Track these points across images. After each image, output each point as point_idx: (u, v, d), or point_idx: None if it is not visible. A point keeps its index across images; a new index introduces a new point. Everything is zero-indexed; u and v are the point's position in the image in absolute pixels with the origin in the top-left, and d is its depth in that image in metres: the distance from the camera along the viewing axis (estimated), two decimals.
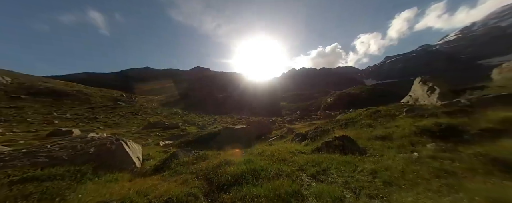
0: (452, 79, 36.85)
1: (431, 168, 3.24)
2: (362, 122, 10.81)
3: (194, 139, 10.82)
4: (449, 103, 6.93)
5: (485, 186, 2.32)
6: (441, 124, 5.39)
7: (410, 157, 4.09)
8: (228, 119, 36.72)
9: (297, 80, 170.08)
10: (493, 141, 3.99)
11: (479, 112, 5.43)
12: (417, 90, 12.14)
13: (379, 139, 6.36)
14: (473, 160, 3.20)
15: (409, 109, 9.31)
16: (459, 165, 3.21)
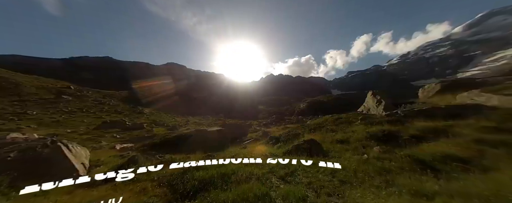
0: (394, 95, 45.07)
1: (376, 167, 3.82)
2: (327, 127, 11.94)
3: (161, 141, 9.77)
4: (390, 113, 8.39)
5: (410, 181, 2.88)
6: (384, 130, 6.46)
7: (361, 158, 4.73)
8: (203, 121, 34.87)
9: (275, 85, 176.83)
10: (417, 144, 5.00)
11: (409, 121, 6.76)
12: (369, 102, 14.29)
13: (339, 143, 7.15)
14: (403, 160, 3.93)
15: (363, 118, 10.83)
16: (394, 164, 3.89)
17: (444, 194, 2.31)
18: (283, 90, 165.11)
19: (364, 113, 14.57)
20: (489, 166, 3.10)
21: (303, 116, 53.86)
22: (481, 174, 2.86)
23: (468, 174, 3.06)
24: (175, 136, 10.45)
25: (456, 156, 3.59)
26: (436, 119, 6.18)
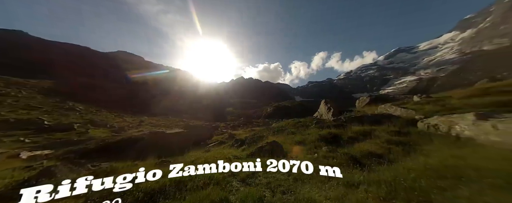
0: (340, 103, 54.21)
1: (322, 164, 4.42)
2: (288, 130, 12.89)
3: (97, 147, 7.81)
4: (336, 119, 9.97)
5: (345, 174, 3.47)
6: (331, 133, 7.60)
7: (313, 157, 5.37)
8: (161, 122, 30.69)
9: (245, 88, 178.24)
10: (352, 144, 6.11)
11: (348, 126, 8.24)
12: (322, 109, 16.56)
13: (297, 144, 7.85)
14: (342, 157, 4.71)
15: (317, 122, 12.38)
16: (336, 161, 4.61)
17: (365, 182, 2.91)
18: (253, 93, 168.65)
19: (318, 118, 16.69)
20: (393, 159, 4.13)
21: (270, 119, 56.37)
22: (388, 165, 3.78)
23: (381, 166, 3.98)
24: (119, 140, 8.60)
25: (375, 152, 4.61)
26: (365, 124, 7.79)
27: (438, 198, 2.23)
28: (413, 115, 7.14)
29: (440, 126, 5.10)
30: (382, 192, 2.43)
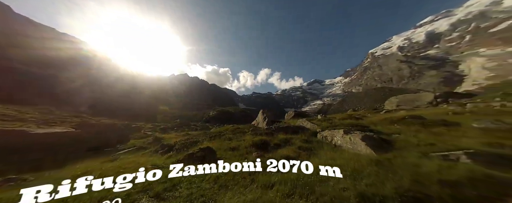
0: (275, 115, 63.64)
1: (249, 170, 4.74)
2: (226, 135, 12.78)
3: None
4: (268, 127, 11.37)
5: (264, 177, 3.90)
6: (262, 140, 8.49)
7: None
8: (38, 115, 19.47)
9: (187, 87, 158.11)
10: (276, 150, 7.17)
11: (276, 134, 9.65)
12: (259, 117, 18.35)
13: (232, 150, 7.92)
14: (266, 161, 5.33)
15: (253, 129, 13.39)
16: (262, 165, 5.13)
17: (278, 183, 3.44)
18: (196, 94, 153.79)
19: (255, 125, 18.13)
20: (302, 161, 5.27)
21: (211, 124, 53.29)
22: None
23: (293, 167, 4.93)
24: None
25: (291, 156, 5.67)
26: (288, 133, 9.52)
27: (319, 188, 3.10)
28: (316, 128, 9.80)
29: (327, 137, 7.37)
30: (287, 189, 2.98)
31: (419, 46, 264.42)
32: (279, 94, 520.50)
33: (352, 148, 5.95)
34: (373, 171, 3.39)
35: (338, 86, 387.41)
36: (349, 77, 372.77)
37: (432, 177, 3.10)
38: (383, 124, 8.68)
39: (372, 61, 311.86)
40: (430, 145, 5.05)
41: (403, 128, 7.45)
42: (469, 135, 5.68)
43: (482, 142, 4.93)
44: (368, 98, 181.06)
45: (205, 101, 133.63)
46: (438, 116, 9.38)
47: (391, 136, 6.71)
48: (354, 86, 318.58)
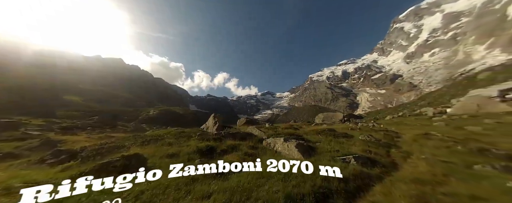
0: (228, 120, 62.46)
1: (188, 179, 4.24)
2: (166, 140, 10.91)
3: None
4: (218, 133, 10.94)
5: (202, 187, 3.64)
6: (209, 145, 7.99)
7: None
8: None
9: (119, 76, 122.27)
10: (222, 156, 6.96)
11: (224, 140, 9.44)
12: (210, 121, 17.31)
13: (169, 157, 6.81)
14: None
15: (201, 134, 12.33)
16: (203, 173, 4.75)
17: (216, 192, 3.31)
18: (133, 87, 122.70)
19: (203, 130, 16.84)
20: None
21: (149, 125, 43.56)
22: (239, 173, 4.80)
23: (239, 173, 4.94)
24: None
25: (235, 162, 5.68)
26: (236, 139, 9.58)
27: (255, 193, 3.29)
28: (263, 135, 10.60)
29: (271, 144, 8.17)
30: (225, 197, 2.94)
31: (338, 79, 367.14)
32: (234, 99, 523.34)
33: (288, 154, 6.92)
34: (299, 173, 4.08)
35: (285, 100, 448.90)
36: (294, 93, 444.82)
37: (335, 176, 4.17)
38: (311, 134, 10.87)
39: (310, 83, 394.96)
40: (336, 151, 6.86)
41: (323, 138, 9.69)
42: (356, 144, 8.30)
43: (361, 149, 7.34)
44: (305, 112, 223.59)
45: (145, 97, 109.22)
46: (343, 130, 13.11)
47: (315, 143, 8.49)
48: (297, 102, 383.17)
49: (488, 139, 10.32)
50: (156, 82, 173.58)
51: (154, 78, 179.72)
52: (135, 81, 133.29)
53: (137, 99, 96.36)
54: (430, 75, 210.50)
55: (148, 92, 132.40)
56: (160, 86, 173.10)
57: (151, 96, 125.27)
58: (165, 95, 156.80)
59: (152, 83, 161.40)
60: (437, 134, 11.11)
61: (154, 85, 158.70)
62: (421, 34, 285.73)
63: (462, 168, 5.26)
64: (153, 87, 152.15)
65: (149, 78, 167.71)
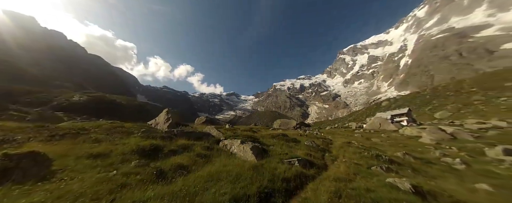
0: (185, 117, 56.04)
1: (114, 185, 3.41)
2: (92, 135, 8.50)
3: None
4: (168, 131, 9.61)
5: (138, 193, 3.04)
6: (153, 144, 6.83)
7: (106, 176, 3.92)
8: None
9: (26, 41, 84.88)
10: (169, 157, 6.10)
11: (176, 139, 8.42)
12: (161, 117, 14.95)
13: (93, 157, 5.28)
14: (149, 172, 4.27)
15: (146, 130, 10.41)
16: (138, 177, 3.97)
17: (153, 198, 2.86)
18: (47, 60, 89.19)
19: (151, 126, 14.33)
20: (194, 170, 4.98)
21: (69, 114, 32.28)
22: (185, 176, 4.38)
23: (181, 176, 4.46)
24: None
25: (183, 164, 5.14)
26: (191, 139, 8.74)
27: (201, 198, 3.09)
28: (221, 136, 10.27)
29: (227, 145, 8.04)
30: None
31: (296, 91, 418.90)
32: (196, 96, 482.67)
33: (243, 156, 7.02)
34: (249, 175, 4.21)
35: (250, 103, 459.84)
36: (258, 98, 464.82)
37: (280, 176, 4.60)
38: (267, 138, 11.61)
39: (273, 91, 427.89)
40: (285, 154, 7.64)
41: (277, 142, 10.57)
42: (301, 148, 9.61)
43: (305, 153, 8.54)
44: (266, 117, 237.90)
45: (68, 77, 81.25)
46: (294, 136, 14.87)
47: (269, 147, 9.11)
48: (260, 106, 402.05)
49: (381, 148, 14.70)
50: (91, 61, 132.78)
51: (87, 54, 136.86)
52: (55, 53, 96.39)
53: (54, 78, 69.78)
54: (357, 98, 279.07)
55: (76, 72, 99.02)
56: (95, 65, 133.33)
57: (78, 77, 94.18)
58: (101, 79, 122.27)
59: (85, 61, 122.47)
60: (355, 142, 14.68)
61: (87, 65, 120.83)
62: (355, 67, 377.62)
63: (365, 168, 7.16)
64: (83, 66, 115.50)
65: (79, 53, 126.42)
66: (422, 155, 13.11)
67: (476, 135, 21.79)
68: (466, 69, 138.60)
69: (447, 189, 5.54)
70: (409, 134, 24.16)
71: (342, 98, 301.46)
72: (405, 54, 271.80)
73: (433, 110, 59.35)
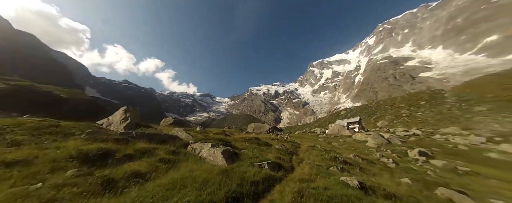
0: (147, 118, 48.46)
1: (41, 200, 2.64)
2: (9, 136, 6.47)
3: None
4: (125, 132, 8.23)
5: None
6: (102, 148, 5.68)
7: (24, 190, 2.97)
8: None
9: None
10: (123, 163, 5.19)
11: (134, 142, 7.27)
12: (116, 116, 12.64)
13: (5, 166, 3.95)
14: (93, 183, 3.51)
15: (93, 131, 8.58)
16: (76, 190, 3.20)
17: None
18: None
19: (101, 126, 11.94)
20: (152, 177, 4.39)
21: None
22: (141, 185, 3.82)
23: (137, 186, 3.86)
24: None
25: (140, 172, 4.47)
26: (153, 142, 7.72)
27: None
28: (190, 139, 9.51)
29: (197, 149, 7.50)
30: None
31: (271, 96, 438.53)
32: (165, 94, 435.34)
33: (213, 160, 6.70)
34: (218, 180, 4.05)
35: (224, 106, 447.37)
36: (234, 101, 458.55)
37: (249, 180, 4.62)
38: (240, 141, 11.51)
39: (249, 95, 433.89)
40: (256, 157, 7.74)
41: (249, 145, 10.61)
42: (272, 152, 9.97)
43: (275, 156, 8.90)
44: (241, 120, 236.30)
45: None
46: (266, 139, 15.31)
47: (241, 150, 9.04)
48: (235, 109, 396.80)
49: (339, 151, 16.89)
50: (16, 38, 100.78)
51: (13, 30, 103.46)
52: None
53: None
54: (322, 107, 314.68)
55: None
56: (24, 46, 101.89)
57: (6, 62, 70.00)
58: (33, 63, 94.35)
59: (13, 39, 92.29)
60: (319, 146, 16.33)
61: (12, 42, 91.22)
62: (322, 79, 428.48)
63: (325, 169, 8.04)
64: (6, 45, 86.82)
65: (11, 31, 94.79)
66: (367, 157, 15.80)
67: (402, 140, 28.07)
68: (398, 89, 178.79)
69: (382, 183, 6.85)
70: (359, 139, 28.77)
71: (310, 105, 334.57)
72: (359, 72, 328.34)
73: (376, 120, 73.15)
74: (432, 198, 7.12)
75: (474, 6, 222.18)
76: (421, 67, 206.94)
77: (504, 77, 78.01)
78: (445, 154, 20.73)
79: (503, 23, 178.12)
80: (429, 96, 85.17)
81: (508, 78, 75.67)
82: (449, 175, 12.96)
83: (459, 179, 11.99)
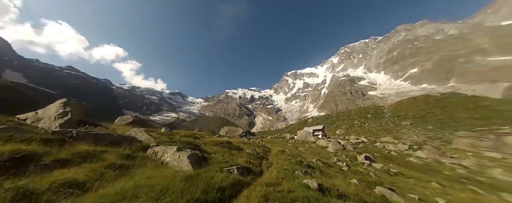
0: (98, 115, 38.98)
1: None
2: None
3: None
4: (61, 131, 6.52)
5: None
6: (23, 151, 4.30)
7: None
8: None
9: None
10: (53, 170, 4.06)
11: (73, 143, 5.84)
12: (50, 111, 9.86)
13: None
14: (9, 195, 2.60)
15: (8, 128, 6.43)
16: None
17: None
18: None
19: (26, 122, 9.10)
20: (93, 187, 3.60)
21: None
22: (77, 196, 3.08)
23: (70, 198, 3.08)
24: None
25: (76, 181, 3.59)
26: (101, 144, 6.37)
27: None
28: (152, 141, 8.36)
29: (158, 153, 6.65)
30: None
31: (247, 100, 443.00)
32: (125, 88, 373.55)
33: (177, 165, 6.08)
34: (180, 187, 3.70)
35: (197, 106, 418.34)
36: (208, 102, 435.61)
37: (216, 185, 4.41)
38: (210, 145, 10.92)
39: (225, 97, 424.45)
40: (226, 162, 7.50)
41: (219, 149, 10.20)
42: (243, 156, 9.89)
43: (245, 160, 8.85)
44: (214, 123, 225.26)
45: None
46: (238, 143, 15.11)
47: (211, 154, 8.57)
48: (209, 111, 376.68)
49: (304, 155, 18.33)
50: None
51: None
52: None
53: None
54: (293, 114, 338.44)
55: None
56: None
57: None
58: None
59: None
60: (287, 150, 17.28)
61: None
62: (294, 89, 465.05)
63: (290, 173, 8.54)
64: None
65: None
66: (327, 161, 17.76)
67: (354, 147, 33.12)
68: (353, 103, 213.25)
69: (337, 185, 7.80)
70: (322, 145, 32.17)
71: (282, 112, 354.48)
72: (324, 86, 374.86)
73: (336, 128, 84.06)
74: (371, 195, 8.59)
75: (404, 45, 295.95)
76: (369, 87, 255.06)
77: (420, 100, 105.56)
78: (382, 158, 25.65)
79: (420, 60, 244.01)
80: (374, 110, 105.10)
81: (421, 101, 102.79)
82: (384, 175, 16.02)
83: (390, 179, 14.96)
